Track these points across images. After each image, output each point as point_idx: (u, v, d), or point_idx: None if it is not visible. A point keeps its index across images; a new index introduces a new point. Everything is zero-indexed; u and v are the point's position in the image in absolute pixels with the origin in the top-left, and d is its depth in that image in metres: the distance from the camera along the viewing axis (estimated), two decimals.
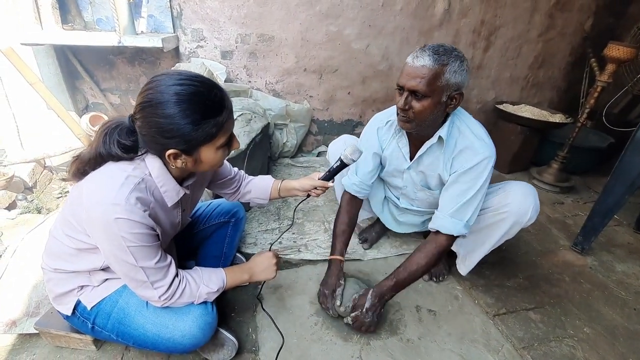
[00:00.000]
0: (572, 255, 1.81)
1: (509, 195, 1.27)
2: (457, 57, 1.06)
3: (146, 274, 0.87)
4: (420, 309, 1.39)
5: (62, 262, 0.96)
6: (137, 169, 0.85)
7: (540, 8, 2.71)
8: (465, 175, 1.20)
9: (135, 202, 0.80)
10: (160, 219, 0.92)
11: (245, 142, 1.76)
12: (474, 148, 1.18)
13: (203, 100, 0.78)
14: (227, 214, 1.41)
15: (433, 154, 1.28)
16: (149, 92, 0.77)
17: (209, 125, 0.79)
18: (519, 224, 1.27)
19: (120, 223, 0.78)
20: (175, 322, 0.96)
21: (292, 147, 2.59)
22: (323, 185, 1.19)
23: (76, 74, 2.17)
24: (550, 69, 3.03)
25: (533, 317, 1.39)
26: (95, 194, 0.80)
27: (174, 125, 0.76)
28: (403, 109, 1.13)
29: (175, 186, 0.91)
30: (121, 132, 0.84)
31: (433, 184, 1.36)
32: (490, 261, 1.65)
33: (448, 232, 1.22)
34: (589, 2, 2.77)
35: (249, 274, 1.11)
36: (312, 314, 1.34)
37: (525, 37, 2.81)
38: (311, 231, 1.83)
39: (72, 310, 0.99)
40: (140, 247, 0.83)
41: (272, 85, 2.54)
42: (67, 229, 0.91)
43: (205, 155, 0.85)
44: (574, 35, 2.90)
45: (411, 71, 1.08)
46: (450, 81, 1.07)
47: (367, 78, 2.68)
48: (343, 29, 2.45)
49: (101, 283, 1.00)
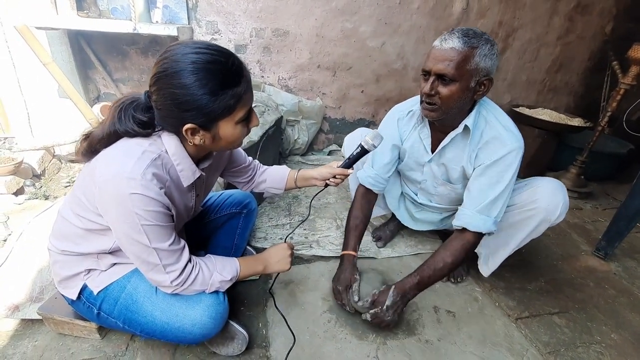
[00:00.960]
0: (595, 260, 1.73)
1: (537, 191, 1.20)
2: (487, 41, 1.02)
3: (159, 256, 0.82)
4: (439, 310, 1.32)
5: (70, 244, 0.91)
6: (153, 145, 0.80)
7: (560, 10, 2.67)
8: (492, 168, 1.14)
9: (151, 177, 0.76)
10: (175, 200, 0.87)
11: (259, 134, 1.72)
12: (502, 139, 1.12)
13: (220, 69, 0.73)
14: (239, 204, 1.36)
15: (457, 146, 1.22)
16: (164, 62, 0.73)
17: (227, 96, 0.75)
18: (547, 221, 1.20)
19: (135, 199, 0.73)
20: (186, 310, 0.91)
21: (304, 144, 2.54)
22: (342, 173, 1.13)
23: (89, 63, 2.15)
24: (568, 74, 2.98)
25: (558, 321, 1.32)
26: (110, 168, 0.75)
27: (190, 97, 0.72)
28: (429, 94, 1.08)
29: (191, 165, 0.87)
30: (137, 108, 0.80)
31: (455, 178, 1.30)
32: (509, 264, 1.57)
33: (476, 230, 1.15)
34: (609, 6, 2.72)
35: (263, 265, 1.06)
36: (325, 311, 1.28)
37: (543, 40, 2.77)
38: (323, 227, 1.78)
39: (77, 295, 0.94)
40: (155, 227, 0.78)
41: (284, 81, 2.51)
42: (77, 207, 0.86)
43: (224, 130, 0.80)
44: (593, 39, 2.84)
45: (439, 54, 1.03)
46: (480, 65, 1.03)
47: (381, 77, 2.64)
48: (359, 26, 2.42)
49: (109, 267, 0.95)
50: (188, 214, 1.01)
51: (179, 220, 0.96)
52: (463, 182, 1.30)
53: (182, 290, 0.90)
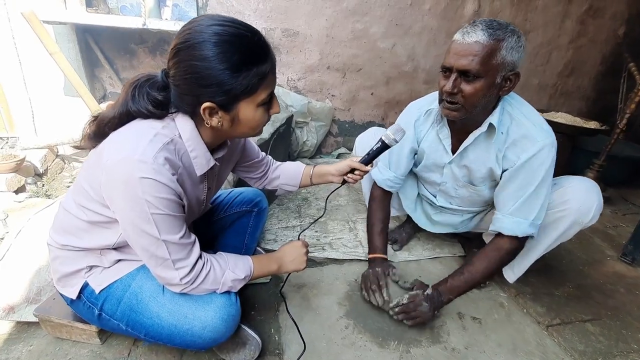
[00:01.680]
0: (622, 266, 1.64)
1: (567, 191, 1.13)
2: (513, 32, 0.95)
3: (168, 250, 0.74)
4: (463, 316, 1.23)
5: (72, 238, 0.84)
6: (166, 128, 0.74)
7: (572, 14, 2.64)
8: (524, 169, 1.07)
9: (163, 162, 0.69)
10: (187, 190, 0.80)
11: (270, 131, 1.67)
12: (531, 136, 1.05)
13: (245, 44, 0.68)
14: (250, 202, 1.29)
15: (480, 146, 1.15)
16: (186, 33, 0.67)
17: (251, 74, 0.69)
18: (578, 224, 1.12)
19: (146, 184, 0.67)
20: (195, 311, 0.83)
21: (312, 146, 2.48)
22: (361, 169, 1.06)
23: (96, 61, 2.12)
24: (580, 78, 2.93)
25: (592, 329, 1.22)
26: (119, 150, 0.69)
27: (211, 70, 0.66)
28: (451, 92, 1.01)
29: (206, 153, 0.80)
30: (152, 86, 0.74)
31: (478, 180, 1.22)
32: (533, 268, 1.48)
33: (510, 233, 1.08)
34: (621, 9, 2.70)
35: (277, 264, 0.99)
36: (342, 316, 1.20)
37: (555, 43, 2.73)
38: (335, 230, 1.70)
39: (77, 294, 0.86)
40: (165, 216, 0.71)
41: (294, 82, 2.47)
42: (81, 198, 0.79)
43: (244, 112, 0.74)
44: (605, 43, 2.81)
45: (461, 49, 0.96)
46: (506, 59, 0.95)
47: (392, 79, 2.60)
48: (369, 27, 2.39)
49: (113, 264, 0.88)
50: (199, 208, 0.94)
51: (190, 214, 0.89)
52: (488, 184, 1.22)
53: (192, 290, 0.82)
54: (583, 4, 2.62)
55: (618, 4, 2.67)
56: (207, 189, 0.93)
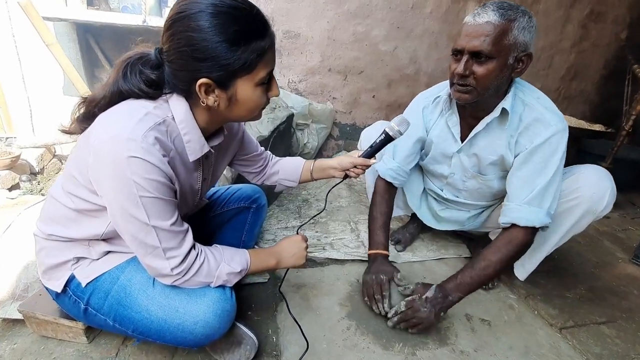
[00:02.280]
0: (634, 268, 1.58)
1: (579, 179, 1.09)
2: (524, 12, 0.94)
3: (159, 237, 0.70)
4: (472, 318, 1.17)
5: (59, 227, 0.80)
6: (158, 109, 0.71)
7: (573, 18, 2.64)
8: (537, 153, 1.03)
9: (153, 141, 0.66)
10: (180, 175, 0.76)
11: (270, 129, 1.64)
12: (545, 120, 1.02)
13: (244, 17, 0.65)
14: (248, 199, 1.25)
15: (492, 132, 1.12)
16: (182, 3, 0.64)
17: (249, 49, 0.65)
18: (592, 212, 1.08)
19: (134, 163, 0.63)
20: (187, 304, 0.78)
21: (313, 149, 2.45)
22: (364, 164, 1.01)
23: (96, 61, 2.11)
24: (583, 82, 2.92)
25: (607, 331, 1.16)
26: (107, 129, 0.65)
27: (207, 42, 0.63)
28: (463, 74, 0.98)
29: (200, 137, 0.76)
30: (145, 64, 0.71)
31: (489, 169, 1.18)
32: (543, 270, 1.43)
33: (529, 224, 1.02)
34: (623, 13, 2.69)
35: (276, 259, 0.94)
36: (343, 317, 1.14)
37: (557, 47, 2.72)
38: (336, 230, 1.65)
39: (63, 287, 0.81)
40: (155, 200, 0.67)
41: (295, 84, 2.46)
42: (69, 184, 0.76)
43: (242, 91, 0.70)
44: (608, 47, 2.80)
45: (472, 30, 0.94)
46: (519, 39, 0.94)
47: (393, 82, 2.58)
48: (371, 30, 2.39)
49: (101, 256, 0.84)
50: (193, 198, 0.90)
51: (183, 203, 0.84)
52: (497, 174, 1.18)
53: (184, 282, 0.77)
54: (584, 8, 2.62)
55: (619, 8, 2.67)
56: (203, 179, 0.89)
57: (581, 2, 2.58)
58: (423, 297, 1.02)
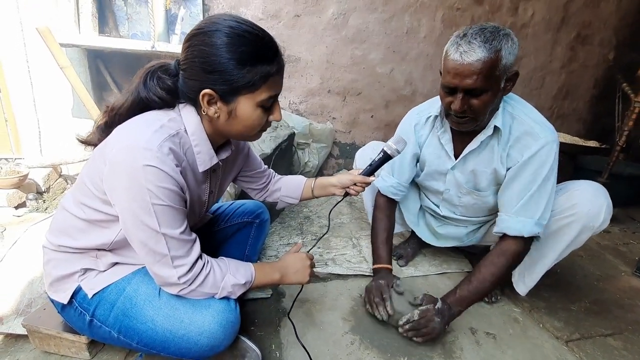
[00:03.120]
0: (638, 281, 1.58)
1: (574, 195, 1.10)
2: (506, 36, 0.95)
3: (168, 245, 0.72)
4: (476, 332, 1.16)
5: (67, 238, 0.82)
6: (172, 121, 0.75)
7: (562, 40, 2.76)
8: (528, 166, 1.06)
9: (168, 152, 0.69)
10: (190, 185, 0.80)
11: (272, 147, 1.68)
12: (534, 133, 1.05)
13: (255, 41, 0.71)
14: (251, 214, 1.27)
15: (485, 148, 1.15)
16: (204, 22, 0.72)
17: (255, 71, 0.70)
18: (589, 229, 1.08)
19: (149, 172, 0.66)
20: (192, 315, 0.78)
21: (314, 167, 2.49)
22: (363, 181, 1.04)
23: (105, 85, 2.20)
24: (575, 101, 3.01)
25: (614, 343, 1.14)
26: (124, 139, 0.69)
27: (217, 57, 0.68)
28: (462, 110, 1.01)
29: (209, 149, 0.80)
30: (165, 72, 0.76)
31: (484, 184, 1.20)
32: (546, 283, 1.43)
33: (516, 234, 1.05)
34: (609, 36, 2.82)
35: (280, 274, 0.94)
36: (347, 332, 1.13)
37: (548, 68, 2.83)
38: (338, 246, 1.66)
39: (69, 299, 0.82)
40: (166, 208, 0.70)
41: (295, 105, 2.54)
42: (81, 195, 0.78)
43: (242, 108, 0.74)
44: (596, 67, 2.91)
45: (462, 69, 0.94)
46: (507, 64, 0.96)
47: (391, 102, 2.67)
48: (368, 54, 2.49)
49: (108, 268, 0.85)
50: (200, 210, 0.93)
51: (190, 214, 0.87)
52: (492, 189, 1.20)
53: (190, 292, 0.78)
54: (571, 31, 2.75)
55: (605, 31, 2.80)
56: (210, 192, 0.92)
57: (568, 25, 2.71)
58: (436, 307, 1.03)
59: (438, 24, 2.51)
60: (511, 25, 2.60)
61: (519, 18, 2.61)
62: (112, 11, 2.05)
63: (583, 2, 2.66)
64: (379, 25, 2.43)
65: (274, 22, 2.31)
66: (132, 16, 2.04)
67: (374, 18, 2.40)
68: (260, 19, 2.27)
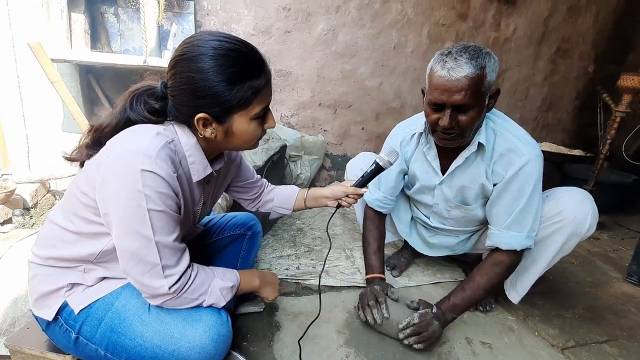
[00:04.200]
0: (629, 287, 1.60)
1: (560, 202, 1.12)
2: (487, 54, 0.98)
3: (160, 254, 0.71)
4: (472, 341, 1.15)
5: (55, 251, 0.80)
6: (167, 130, 0.76)
7: (543, 54, 2.86)
8: (512, 183, 1.08)
9: (166, 157, 0.70)
10: (185, 194, 0.79)
11: (264, 159, 1.69)
12: (517, 150, 1.07)
13: (241, 58, 0.71)
14: (243, 226, 1.26)
15: (470, 164, 1.16)
16: (185, 46, 0.71)
17: (245, 87, 0.71)
18: (576, 235, 1.10)
19: (147, 177, 0.66)
20: (183, 329, 0.76)
21: (306, 179, 2.50)
22: (355, 193, 1.04)
23: (96, 100, 2.19)
24: (558, 111, 3.10)
25: (609, 350, 1.15)
26: (122, 145, 0.69)
27: (207, 82, 0.69)
28: (450, 127, 1.02)
29: (203, 159, 0.80)
30: (151, 96, 0.77)
31: (471, 198, 1.22)
32: (539, 291, 1.44)
33: (509, 248, 1.07)
34: (588, 49, 2.94)
35: (259, 280, 0.96)
36: (342, 345, 1.11)
37: (531, 81, 2.92)
38: (331, 257, 1.65)
39: (54, 316, 0.79)
40: (162, 214, 0.70)
41: (287, 118, 2.56)
42: (71, 207, 0.77)
43: (237, 125, 0.75)
44: (577, 79, 3.01)
45: (451, 85, 0.95)
46: (491, 81, 0.99)
47: (381, 114, 2.71)
48: (357, 68, 2.55)
49: (96, 282, 0.82)
50: (193, 219, 0.92)
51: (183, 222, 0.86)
52: (480, 202, 1.22)
53: (177, 303, 0.76)
54: (552, 46, 2.86)
55: (584, 45, 2.92)
56: (202, 203, 0.91)
57: (548, 40, 2.82)
58: (433, 311, 1.04)
59: (424, 39, 2.58)
60: (494, 40, 2.70)
61: (501, 33, 2.71)
62: (105, 28, 2.07)
63: (562, 17, 2.78)
64: (367, 41, 2.49)
65: (265, 38, 2.35)
66: (124, 32, 2.06)
67: (362, 34, 2.47)
68: (252, 35, 2.31)
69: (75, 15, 1.92)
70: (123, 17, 2.06)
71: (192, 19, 2.19)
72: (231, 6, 2.25)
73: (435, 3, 2.51)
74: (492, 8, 2.62)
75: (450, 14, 2.56)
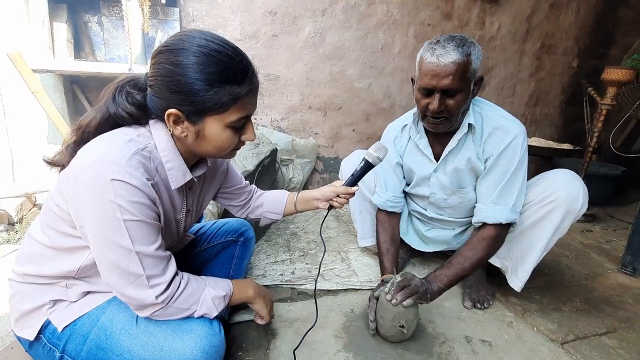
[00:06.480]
0: (625, 277, 1.60)
1: (552, 182, 1.16)
2: (472, 43, 1.05)
3: (142, 264, 0.68)
4: (471, 340, 1.14)
5: (33, 267, 0.76)
6: (141, 136, 0.72)
7: (528, 51, 2.90)
8: (501, 158, 1.13)
9: (137, 165, 0.67)
10: (164, 202, 0.76)
11: (254, 163, 1.66)
12: (504, 127, 1.13)
13: (225, 62, 0.67)
14: (235, 232, 1.23)
15: (462, 146, 1.21)
16: (172, 38, 0.69)
17: (224, 91, 0.68)
18: (571, 212, 1.13)
19: (117, 187, 0.63)
20: (173, 341, 0.73)
21: (299, 183, 2.48)
22: (346, 192, 1.02)
23: (82, 111, 2.14)
24: (545, 107, 3.13)
25: (609, 342, 1.14)
26: (91, 155, 0.66)
27: (184, 78, 0.66)
28: (439, 110, 1.07)
29: (181, 165, 0.77)
30: (134, 86, 0.74)
31: (467, 181, 1.25)
32: (535, 285, 1.45)
33: (494, 221, 1.12)
34: (571, 45, 2.99)
35: (253, 290, 0.93)
36: (340, 350, 1.08)
37: (517, 77, 2.96)
38: (327, 261, 1.62)
39: (36, 335, 0.76)
40: (139, 223, 0.66)
41: (277, 122, 2.54)
42: (48, 218, 0.74)
43: (210, 129, 0.71)
44: (562, 75, 3.06)
45: (439, 70, 1.02)
46: (476, 68, 1.06)
47: (371, 115, 2.71)
48: (346, 69, 2.55)
49: (80, 297, 0.79)
50: (177, 229, 0.89)
51: (167, 233, 0.83)
52: (473, 184, 1.25)
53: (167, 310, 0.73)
54: (536, 42, 2.90)
55: (567, 40, 2.96)
56: (187, 210, 0.88)
57: (533, 37, 2.86)
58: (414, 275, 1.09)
59: (411, 39, 2.60)
60: (480, 38, 2.72)
61: (486, 31, 2.74)
62: (88, 36, 2.03)
63: (544, 14, 2.82)
64: (354, 43, 2.49)
65: (252, 43, 2.34)
66: (108, 41, 2.02)
67: (349, 35, 2.47)
68: (239, 40, 2.30)
69: (57, 24, 1.88)
70: (107, 25, 2.02)
71: (177, 26, 2.16)
72: (217, 12, 2.24)
73: (420, 3, 2.53)
74: (476, 7, 2.65)
75: (435, 14, 2.59)
